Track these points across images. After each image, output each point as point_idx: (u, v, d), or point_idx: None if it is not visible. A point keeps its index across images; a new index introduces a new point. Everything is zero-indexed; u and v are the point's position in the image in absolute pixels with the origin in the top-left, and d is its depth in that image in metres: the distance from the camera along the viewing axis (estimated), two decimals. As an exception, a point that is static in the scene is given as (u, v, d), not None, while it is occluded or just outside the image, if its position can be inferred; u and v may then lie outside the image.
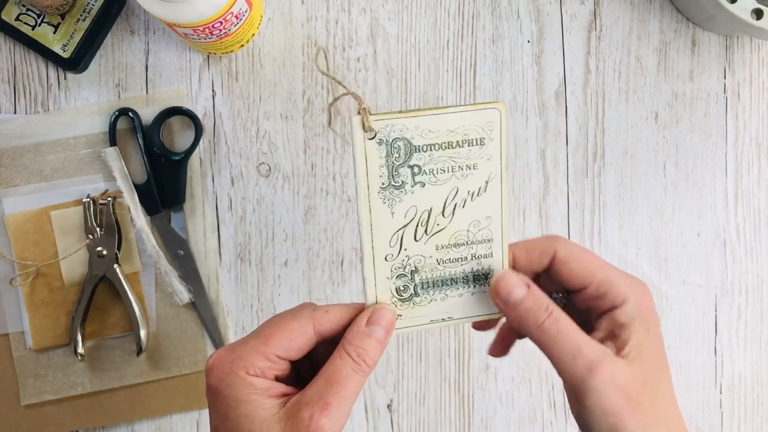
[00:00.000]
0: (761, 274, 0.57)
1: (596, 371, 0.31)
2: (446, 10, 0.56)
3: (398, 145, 0.34)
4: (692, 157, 0.57)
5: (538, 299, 0.33)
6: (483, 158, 0.34)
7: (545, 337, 0.33)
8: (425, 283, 0.36)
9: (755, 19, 0.48)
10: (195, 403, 0.55)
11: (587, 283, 0.34)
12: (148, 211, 0.54)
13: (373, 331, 0.34)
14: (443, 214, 0.35)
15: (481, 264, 0.36)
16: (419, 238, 0.35)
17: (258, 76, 0.55)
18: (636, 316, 0.34)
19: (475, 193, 0.35)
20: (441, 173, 0.34)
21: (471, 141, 0.34)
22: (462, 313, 0.37)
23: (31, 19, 0.53)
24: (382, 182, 0.34)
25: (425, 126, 0.34)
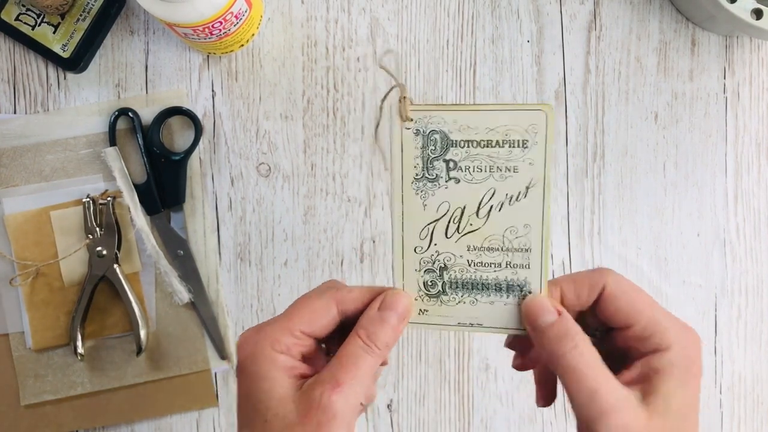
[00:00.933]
0: (761, 274, 0.57)
1: (608, 417, 0.30)
2: (446, 10, 0.56)
3: (435, 137, 0.33)
4: (692, 157, 0.57)
5: (567, 328, 0.32)
6: (525, 162, 0.33)
7: (565, 370, 0.31)
8: (454, 283, 0.35)
9: (755, 19, 0.48)
10: (195, 403, 0.55)
11: (633, 323, 0.32)
12: (148, 211, 0.54)
13: (386, 317, 0.33)
14: (477, 215, 0.34)
15: (517, 274, 0.34)
16: (450, 235, 0.34)
17: (258, 76, 0.55)
18: (675, 365, 0.31)
19: (513, 198, 0.33)
20: (477, 171, 0.33)
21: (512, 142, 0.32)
22: (492, 321, 0.35)
23: (31, 19, 0.53)
24: (416, 173, 0.33)
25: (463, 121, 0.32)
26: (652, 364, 0.32)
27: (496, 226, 0.34)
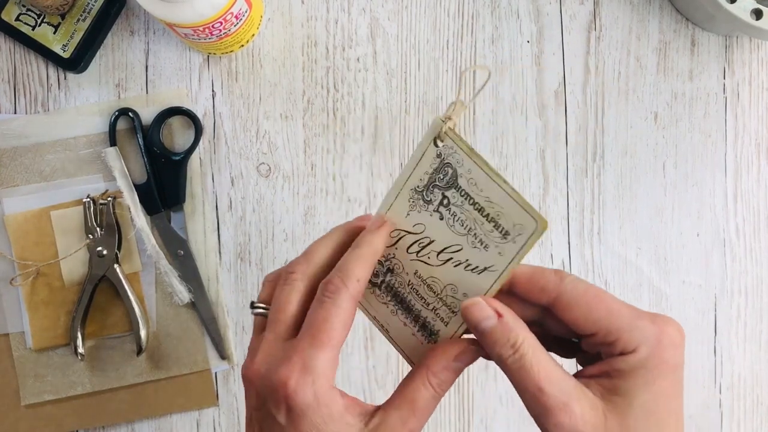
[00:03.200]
0: (761, 274, 0.57)
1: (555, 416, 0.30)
2: (446, 10, 0.56)
3: (447, 170, 0.33)
4: (692, 157, 0.57)
5: (506, 333, 0.31)
6: (496, 249, 0.33)
7: (509, 373, 0.32)
8: (389, 287, 0.36)
9: (755, 19, 0.48)
10: (195, 403, 0.55)
11: (592, 332, 0.32)
12: (148, 211, 0.54)
13: (457, 367, 0.33)
14: (438, 255, 0.34)
15: (435, 322, 0.35)
16: (410, 252, 0.35)
17: (258, 76, 0.55)
18: (641, 366, 0.31)
19: (471, 267, 0.34)
20: (459, 225, 0.33)
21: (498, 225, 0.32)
22: (396, 336, 0.37)
23: (31, 19, 0.53)
24: (418, 185, 0.34)
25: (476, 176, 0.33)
26: (616, 365, 0.31)
27: (445, 275, 0.34)
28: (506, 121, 0.56)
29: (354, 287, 0.33)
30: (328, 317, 0.32)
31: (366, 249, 0.34)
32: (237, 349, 0.55)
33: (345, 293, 0.33)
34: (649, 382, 0.31)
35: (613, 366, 0.31)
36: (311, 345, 0.32)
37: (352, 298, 0.33)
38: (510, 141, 0.56)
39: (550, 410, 0.30)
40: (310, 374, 0.31)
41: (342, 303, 0.32)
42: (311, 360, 0.32)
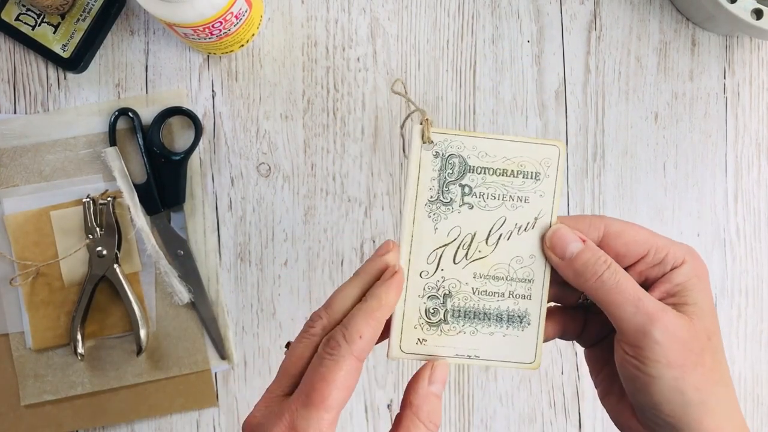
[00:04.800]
0: (761, 274, 0.57)
1: (659, 321, 0.31)
2: (446, 10, 0.56)
3: (453, 161, 0.34)
4: (692, 157, 0.57)
5: (595, 252, 0.33)
6: (536, 193, 0.34)
7: (605, 289, 0.32)
8: (456, 311, 0.35)
9: (755, 19, 0.48)
10: (195, 403, 0.55)
11: (644, 253, 0.34)
12: (148, 211, 0.54)
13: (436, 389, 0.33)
14: (487, 242, 0.34)
15: (518, 304, 0.35)
16: (458, 261, 0.34)
17: (258, 76, 0.55)
18: (693, 275, 0.34)
19: (522, 228, 0.34)
20: (491, 199, 0.34)
21: (526, 173, 0.34)
22: (490, 353, 0.35)
23: (31, 19, 0.53)
24: (431, 195, 0.34)
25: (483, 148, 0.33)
26: (675, 280, 0.34)
27: (504, 254, 0.34)
28: (506, 121, 0.56)
29: (358, 346, 0.31)
30: (325, 376, 0.31)
31: (374, 303, 0.33)
32: (237, 349, 0.55)
33: (346, 351, 0.31)
34: (703, 288, 0.34)
35: (673, 281, 0.34)
36: (303, 404, 0.30)
37: (355, 358, 0.31)
38: (510, 141, 0.56)
39: (654, 315, 0.32)
40: None
41: (341, 361, 0.31)
42: (300, 420, 0.30)
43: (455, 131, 0.34)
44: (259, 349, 0.55)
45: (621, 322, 0.32)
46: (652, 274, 0.34)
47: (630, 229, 0.34)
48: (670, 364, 0.31)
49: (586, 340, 0.39)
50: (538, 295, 0.35)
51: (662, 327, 0.31)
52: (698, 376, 0.31)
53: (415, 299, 0.35)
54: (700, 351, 0.32)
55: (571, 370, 0.56)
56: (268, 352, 0.55)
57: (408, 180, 0.34)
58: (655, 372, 0.31)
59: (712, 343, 0.33)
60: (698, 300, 0.33)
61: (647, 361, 0.31)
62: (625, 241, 0.34)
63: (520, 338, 0.35)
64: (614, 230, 0.34)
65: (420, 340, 0.35)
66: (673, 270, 0.34)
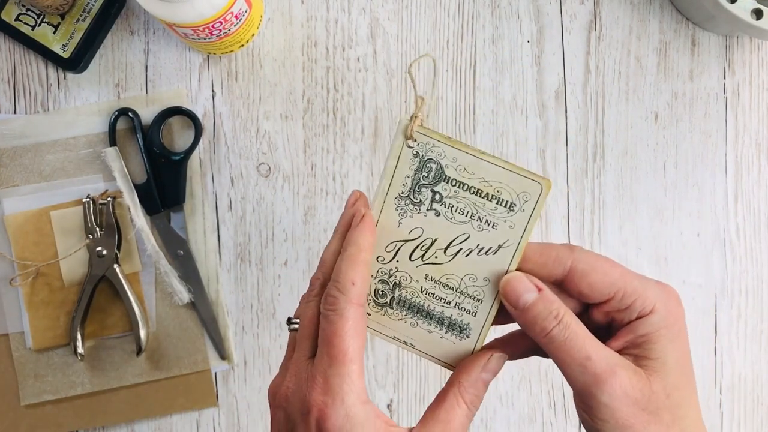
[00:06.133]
0: (761, 274, 0.57)
1: (605, 383, 0.30)
2: (446, 10, 0.56)
3: (430, 166, 0.33)
4: (692, 157, 0.57)
5: (548, 305, 0.32)
6: (506, 223, 0.33)
7: (553, 346, 0.31)
8: (402, 301, 0.35)
9: (755, 19, 0.48)
10: (195, 403, 0.55)
11: (610, 296, 0.32)
12: (148, 211, 0.54)
13: (486, 378, 0.34)
14: (445, 252, 0.34)
15: (462, 317, 0.35)
16: (414, 259, 0.35)
17: (258, 76, 0.55)
18: (662, 326, 0.32)
19: (483, 250, 0.34)
20: (459, 214, 0.33)
21: (500, 200, 0.33)
22: (424, 347, 0.36)
23: (31, 19, 0.53)
24: (402, 191, 0.34)
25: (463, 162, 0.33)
26: (639, 330, 0.32)
27: (459, 268, 0.34)
28: (506, 121, 0.56)
29: (353, 292, 0.32)
30: (336, 331, 0.32)
31: (353, 249, 0.33)
32: (237, 349, 0.55)
33: (345, 302, 0.32)
34: (673, 339, 0.32)
35: (637, 332, 0.32)
36: (330, 364, 0.31)
37: (354, 305, 0.32)
38: (510, 141, 0.56)
39: (601, 377, 0.30)
40: (337, 394, 0.31)
41: (345, 312, 0.32)
42: (333, 378, 0.31)
43: (440, 136, 0.33)
44: (259, 349, 0.55)
45: (569, 381, 0.32)
46: (617, 317, 0.33)
47: (599, 268, 0.32)
48: (619, 425, 0.30)
49: None
50: (484, 315, 0.35)
51: (609, 390, 0.30)
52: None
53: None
54: (656, 410, 0.31)
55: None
56: (268, 352, 0.55)
57: (384, 170, 0.34)
58: (605, 430, 0.31)
59: (672, 400, 0.31)
60: (662, 353, 0.31)
61: (596, 420, 0.31)
62: (591, 281, 0.32)
63: (455, 345, 0.35)
64: (581, 268, 0.32)
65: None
66: (639, 319, 0.32)
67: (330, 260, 0.35)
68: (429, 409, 0.33)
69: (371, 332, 0.36)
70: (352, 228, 0.34)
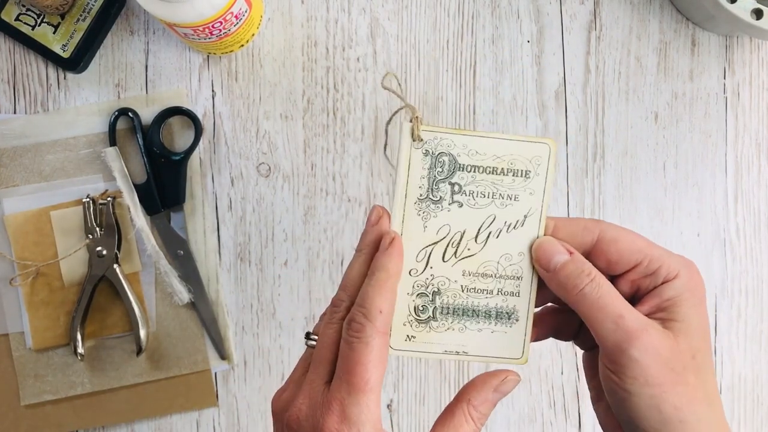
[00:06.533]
0: (761, 274, 0.57)
1: (638, 339, 0.31)
2: (446, 10, 0.56)
3: (443, 159, 0.34)
4: (692, 157, 0.57)
5: (579, 264, 0.33)
6: (525, 191, 0.34)
7: (586, 303, 0.32)
8: (445, 309, 0.35)
9: (755, 19, 0.48)
10: (195, 403, 0.55)
11: (637, 262, 0.33)
12: (148, 211, 0.54)
13: (496, 398, 0.33)
14: (476, 240, 0.34)
15: (507, 301, 0.35)
16: (447, 259, 0.34)
17: (258, 76, 0.55)
18: (686, 289, 0.33)
19: (511, 226, 0.34)
20: (481, 197, 0.34)
21: (516, 171, 0.34)
22: (478, 349, 0.35)
23: (31, 19, 0.53)
24: (420, 193, 0.34)
25: (473, 146, 0.33)
26: (665, 295, 0.33)
27: (493, 252, 0.34)
28: (506, 121, 0.56)
29: (380, 321, 0.32)
30: (360, 359, 0.31)
31: (382, 275, 0.33)
32: (237, 349, 0.55)
33: (371, 330, 0.31)
34: (696, 304, 0.33)
35: (662, 296, 0.33)
36: (349, 392, 0.31)
37: (380, 333, 0.32)
38: (510, 141, 0.56)
39: (634, 334, 0.31)
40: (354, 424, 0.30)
41: (371, 341, 0.31)
42: (350, 408, 0.31)
43: (445, 129, 0.34)
44: (259, 349, 0.55)
45: (600, 338, 0.32)
46: (643, 285, 0.34)
47: (626, 237, 0.34)
48: (648, 382, 0.31)
49: (583, 343, 0.38)
50: (527, 292, 0.35)
51: (641, 345, 0.31)
52: (678, 395, 0.31)
53: (404, 297, 0.35)
54: (682, 370, 0.31)
55: (571, 370, 0.56)
56: (268, 352, 0.55)
57: (397, 178, 0.34)
58: (633, 389, 0.31)
59: (696, 362, 0.32)
60: (687, 317, 0.32)
61: (625, 378, 0.31)
62: (619, 248, 0.33)
63: (508, 334, 0.35)
64: (609, 236, 0.34)
65: (409, 337, 0.35)
66: (665, 283, 0.33)
67: (355, 282, 0.34)
68: (437, 424, 0.33)
69: (419, 355, 0.35)
70: (380, 251, 0.33)
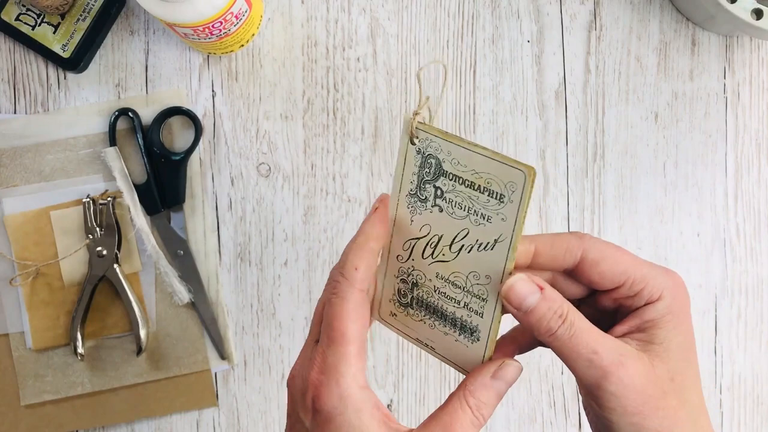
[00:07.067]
0: (761, 274, 0.57)
1: (613, 375, 0.31)
2: (446, 10, 0.56)
3: (431, 161, 0.33)
4: (692, 157, 0.57)
5: (552, 305, 0.32)
6: (498, 216, 0.32)
7: (559, 344, 0.31)
8: (420, 301, 0.35)
9: (755, 19, 0.48)
10: (195, 403, 0.55)
11: (620, 283, 0.33)
12: (148, 211, 0.54)
13: (498, 386, 0.33)
14: (450, 248, 0.34)
15: (471, 318, 0.34)
16: (426, 257, 0.35)
17: (258, 76, 0.55)
18: (668, 312, 0.32)
19: (482, 246, 0.33)
20: (458, 208, 0.33)
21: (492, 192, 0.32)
22: (442, 350, 0.36)
23: (31, 19, 0.53)
24: (410, 188, 0.34)
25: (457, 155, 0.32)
26: (646, 316, 0.33)
27: (463, 265, 0.34)
28: (506, 121, 0.56)
29: (354, 276, 0.33)
30: (336, 313, 0.32)
31: (361, 238, 0.34)
32: (237, 349, 0.55)
33: (346, 285, 0.33)
34: (677, 325, 0.32)
35: (643, 318, 0.33)
36: (328, 345, 0.32)
37: (355, 288, 0.33)
38: (510, 141, 0.56)
39: (608, 369, 0.31)
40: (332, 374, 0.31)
41: (346, 295, 0.32)
42: (329, 358, 0.31)
43: (436, 131, 0.33)
44: (259, 349, 0.55)
45: (576, 375, 0.32)
46: (626, 303, 0.33)
47: (610, 257, 0.33)
48: (627, 411, 0.31)
49: None
50: (489, 316, 0.34)
51: (616, 380, 0.31)
52: (659, 419, 0.31)
53: (391, 277, 0.36)
54: (662, 394, 0.31)
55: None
56: (268, 352, 0.55)
57: (396, 168, 0.34)
58: (614, 418, 0.31)
59: (676, 384, 0.32)
60: (666, 339, 0.32)
61: (604, 409, 0.31)
62: (602, 270, 0.33)
63: (468, 349, 0.35)
64: (592, 257, 0.33)
65: (393, 314, 0.37)
66: (647, 305, 0.33)
67: None
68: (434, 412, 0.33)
69: (398, 333, 0.37)
70: (366, 218, 0.35)
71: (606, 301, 0.34)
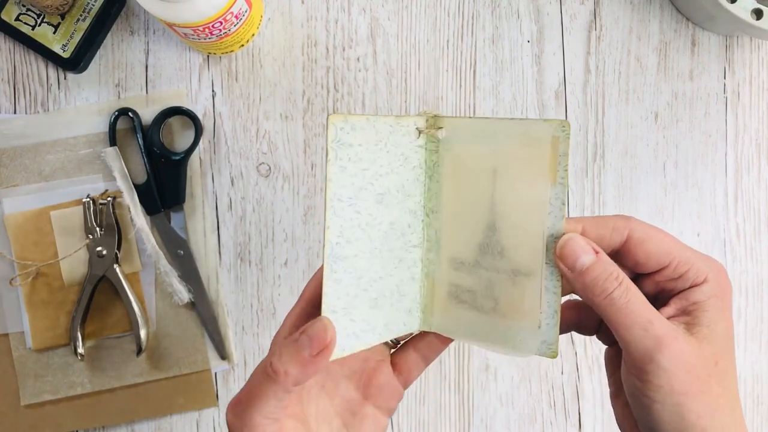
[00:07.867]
0: (761, 274, 0.57)
1: (666, 347, 0.30)
2: (446, 10, 0.56)
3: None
4: (692, 157, 0.57)
5: (607, 267, 0.31)
6: None
7: (614, 308, 0.31)
8: None
9: (755, 19, 0.48)
10: (195, 403, 0.55)
11: (665, 264, 0.33)
12: (148, 211, 0.54)
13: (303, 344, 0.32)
14: None
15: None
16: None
17: (258, 76, 0.55)
18: (713, 295, 0.32)
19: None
20: None
21: None
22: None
23: (31, 19, 0.53)
24: None
25: None
26: (692, 299, 0.32)
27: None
28: (506, 121, 0.56)
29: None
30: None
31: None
32: (237, 349, 0.55)
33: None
34: (722, 309, 0.32)
35: (689, 300, 0.32)
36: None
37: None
38: (510, 141, 0.56)
39: (663, 340, 0.30)
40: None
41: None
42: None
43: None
44: (259, 349, 0.55)
45: (628, 344, 0.31)
46: (668, 287, 0.33)
47: (655, 237, 0.33)
48: (673, 390, 0.30)
49: (606, 338, 0.38)
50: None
51: (670, 354, 0.30)
52: (701, 403, 0.30)
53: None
54: (706, 377, 0.31)
55: (571, 370, 0.56)
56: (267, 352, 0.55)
57: None
58: (657, 397, 0.30)
59: (719, 368, 0.31)
60: (712, 322, 0.32)
61: (650, 386, 0.30)
62: (648, 249, 0.33)
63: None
64: (638, 236, 0.33)
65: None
66: (693, 287, 0.32)
67: None
68: None
69: None
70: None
71: (648, 286, 0.34)
